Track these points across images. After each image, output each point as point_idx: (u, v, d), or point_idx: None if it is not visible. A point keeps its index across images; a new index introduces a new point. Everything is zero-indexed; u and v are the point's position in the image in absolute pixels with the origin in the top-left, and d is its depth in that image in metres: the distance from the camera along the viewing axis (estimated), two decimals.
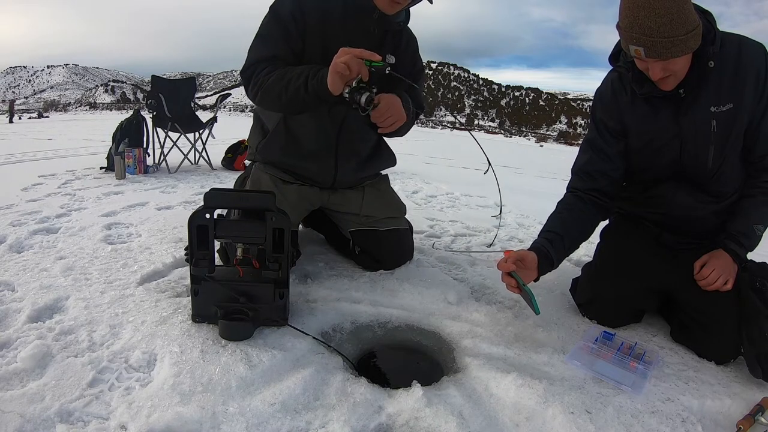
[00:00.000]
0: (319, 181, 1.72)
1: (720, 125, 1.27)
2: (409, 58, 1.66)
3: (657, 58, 1.14)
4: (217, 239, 1.26)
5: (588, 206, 1.43)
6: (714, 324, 1.29)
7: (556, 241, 1.34)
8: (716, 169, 1.32)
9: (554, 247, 1.33)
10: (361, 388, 1.05)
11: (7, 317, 1.28)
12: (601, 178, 1.43)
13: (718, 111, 1.26)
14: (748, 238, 1.33)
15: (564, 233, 1.36)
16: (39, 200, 2.72)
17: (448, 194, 3.73)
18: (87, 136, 8.35)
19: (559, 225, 1.39)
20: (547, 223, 1.41)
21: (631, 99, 1.35)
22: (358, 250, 1.79)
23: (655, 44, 1.11)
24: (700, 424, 1.04)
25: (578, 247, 1.42)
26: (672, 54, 1.12)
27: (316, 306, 1.43)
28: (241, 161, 4.36)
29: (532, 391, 1.06)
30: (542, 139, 74.49)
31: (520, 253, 1.27)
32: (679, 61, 1.16)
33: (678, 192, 1.40)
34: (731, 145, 1.30)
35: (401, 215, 1.85)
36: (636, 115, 1.36)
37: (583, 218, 1.43)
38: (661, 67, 1.16)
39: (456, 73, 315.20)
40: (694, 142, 1.30)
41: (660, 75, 1.18)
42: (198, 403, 0.95)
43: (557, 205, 1.47)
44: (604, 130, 1.42)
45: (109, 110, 53.93)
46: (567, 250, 1.38)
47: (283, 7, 1.49)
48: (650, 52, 1.13)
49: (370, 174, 1.84)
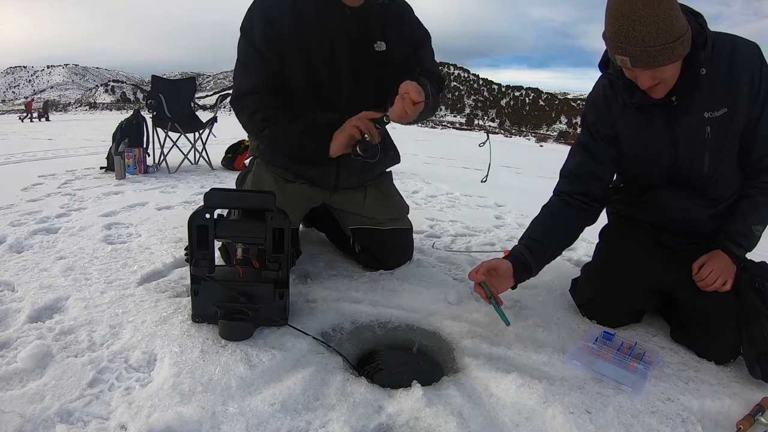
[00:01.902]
0: (321, 184, 1.70)
1: (714, 131, 1.25)
2: (405, 33, 1.60)
3: (644, 68, 1.11)
4: (217, 239, 1.26)
5: (574, 211, 1.41)
6: (714, 324, 1.29)
7: (536, 248, 1.33)
8: (712, 173, 1.31)
9: (533, 254, 1.31)
10: (361, 388, 1.05)
11: (7, 317, 1.28)
12: (592, 181, 1.41)
13: (712, 116, 1.24)
14: (746, 239, 1.33)
15: (545, 240, 1.35)
16: (39, 200, 2.72)
17: (448, 194, 3.73)
18: (87, 136, 8.35)
19: (541, 231, 1.38)
20: (529, 228, 1.40)
21: (623, 107, 1.33)
22: (358, 248, 1.78)
23: (641, 54, 1.08)
24: (700, 424, 1.03)
25: (561, 253, 1.41)
26: (659, 62, 1.10)
27: (316, 306, 1.43)
28: (241, 161, 4.36)
29: (532, 391, 1.06)
30: (542, 139, 74.58)
31: (493, 263, 1.27)
32: (668, 69, 1.13)
33: (674, 196, 1.39)
34: (727, 149, 1.29)
35: (403, 215, 1.84)
36: (628, 124, 1.34)
37: (568, 224, 1.41)
38: (649, 75, 1.14)
39: (456, 73, 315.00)
40: (689, 149, 1.29)
41: (649, 84, 1.16)
42: (198, 403, 0.95)
43: (542, 209, 1.45)
44: (597, 135, 1.40)
45: (109, 110, 53.93)
46: (548, 257, 1.36)
47: (252, 30, 1.48)
48: (636, 61, 1.10)
49: (374, 174, 1.82)
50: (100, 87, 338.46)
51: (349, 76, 1.52)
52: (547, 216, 1.42)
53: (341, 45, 1.49)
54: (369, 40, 1.52)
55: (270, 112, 1.47)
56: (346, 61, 1.50)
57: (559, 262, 2.07)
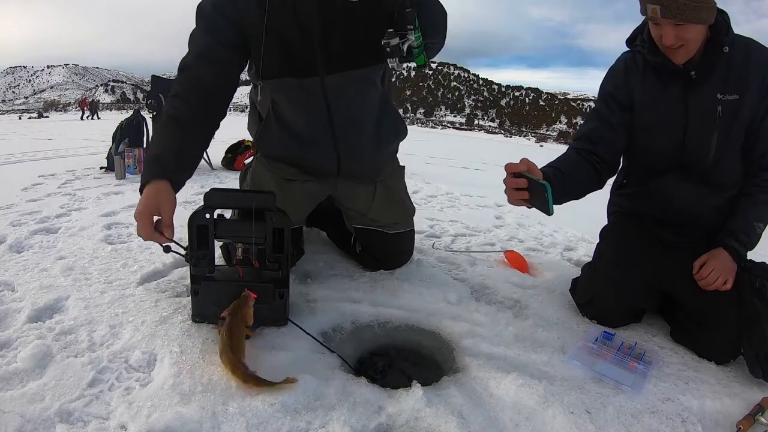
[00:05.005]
0: (325, 170, 1.58)
1: (725, 113, 1.31)
2: None
3: (672, 19, 1.19)
4: (217, 239, 1.26)
5: (588, 165, 1.44)
6: (714, 324, 1.29)
7: (558, 175, 1.31)
8: (718, 158, 1.35)
9: (556, 179, 1.28)
10: (361, 388, 1.05)
11: (7, 317, 1.28)
12: (603, 145, 1.45)
13: (724, 99, 1.31)
14: (748, 236, 1.34)
15: (566, 171, 1.35)
16: (39, 200, 2.72)
17: (448, 194, 3.73)
18: (87, 136, 8.35)
19: (563, 165, 1.38)
20: (549, 162, 1.39)
21: (643, 74, 1.40)
22: (359, 248, 1.78)
23: (670, 4, 1.17)
24: (700, 424, 1.04)
25: (570, 200, 1.37)
26: (686, 18, 1.18)
27: (316, 306, 1.43)
28: (241, 161, 4.36)
29: (532, 391, 1.06)
30: (542, 139, 74.66)
31: (527, 161, 1.16)
32: (692, 30, 1.21)
33: (679, 184, 1.41)
34: (733, 137, 1.34)
35: (408, 218, 1.79)
36: (645, 89, 1.40)
37: (582, 170, 1.43)
38: (674, 33, 1.22)
39: (456, 73, 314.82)
40: (700, 125, 1.34)
41: (672, 41, 1.23)
42: (198, 403, 0.95)
43: (557, 157, 1.46)
44: (612, 101, 1.46)
45: (109, 110, 53.92)
46: (562, 192, 1.30)
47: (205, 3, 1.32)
48: (666, 11, 1.18)
49: (387, 152, 1.66)
50: (100, 87, 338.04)
51: (321, 34, 1.31)
52: (565, 158, 1.46)
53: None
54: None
55: (177, 101, 1.28)
56: (316, 17, 1.30)
57: (559, 262, 2.08)
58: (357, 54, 1.35)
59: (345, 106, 1.44)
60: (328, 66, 1.35)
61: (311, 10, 1.29)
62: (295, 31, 1.31)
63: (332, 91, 1.39)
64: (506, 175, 1.16)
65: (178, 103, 1.27)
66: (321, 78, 1.35)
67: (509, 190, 1.16)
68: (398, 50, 1.12)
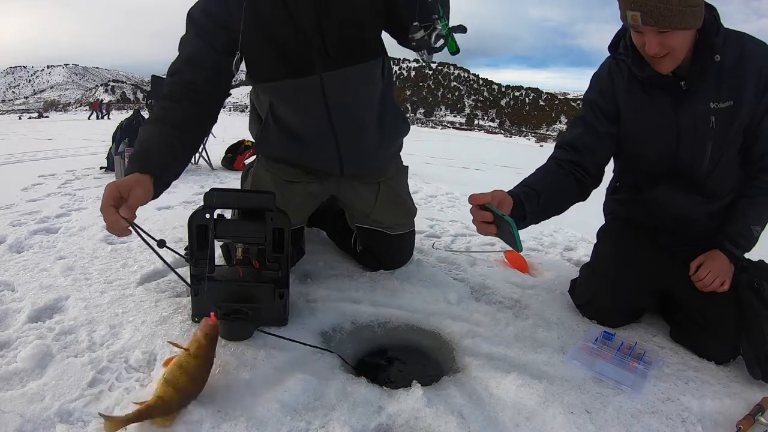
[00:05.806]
0: (327, 170, 1.56)
1: (719, 122, 1.25)
2: None
3: (653, 26, 1.10)
4: (217, 239, 1.26)
5: (568, 178, 1.36)
6: (713, 324, 1.29)
7: (531, 195, 1.23)
8: (713, 167, 1.31)
9: (529, 199, 1.21)
10: (361, 388, 1.05)
11: (7, 317, 1.28)
12: (587, 154, 1.38)
13: (718, 107, 1.24)
14: (745, 239, 1.33)
15: (541, 191, 1.26)
16: (39, 200, 2.72)
17: (448, 194, 3.73)
18: (87, 136, 8.35)
19: (537, 183, 1.29)
20: (524, 180, 1.30)
21: (628, 84, 1.33)
22: (359, 248, 1.78)
23: (652, 10, 1.08)
24: (700, 424, 1.04)
25: (548, 216, 1.31)
26: (670, 24, 1.09)
27: (316, 306, 1.43)
28: (241, 161, 4.36)
29: (532, 391, 1.06)
30: (542, 139, 74.66)
31: (495, 193, 1.11)
32: (677, 37, 1.12)
33: (673, 194, 1.38)
34: (729, 143, 1.29)
35: (410, 219, 1.78)
36: (630, 98, 1.34)
37: (563, 185, 1.35)
38: (657, 40, 1.13)
39: (456, 73, 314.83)
40: (693, 137, 1.29)
41: (656, 49, 1.14)
42: (198, 403, 0.95)
43: (536, 170, 1.38)
44: (597, 109, 1.39)
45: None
46: (539, 211, 1.25)
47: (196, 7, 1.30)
48: (647, 18, 1.09)
49: (391, 151, 1.64)
50: (100, 87, 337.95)
51: (316, 30, 1.29)
52: (543, 173, 1.36)
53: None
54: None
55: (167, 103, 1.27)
56: (310, 13, 1.27)
57: (559, 262, 2.08)
58: (355, 49, 1.34)
59: (345, 105, 1.42)
60: (326, 63, 1.33)
61: (304, 7, 1.27)
62: (290, 30, 1.29)
63: (331, 90, 1.37)
64: (472, 206, 1.09)
65: (170, 105, 1.26)
66: (319, 76, 1.34)
67: (476, 222, 1.09)
68: (425, 42, 1.07)
